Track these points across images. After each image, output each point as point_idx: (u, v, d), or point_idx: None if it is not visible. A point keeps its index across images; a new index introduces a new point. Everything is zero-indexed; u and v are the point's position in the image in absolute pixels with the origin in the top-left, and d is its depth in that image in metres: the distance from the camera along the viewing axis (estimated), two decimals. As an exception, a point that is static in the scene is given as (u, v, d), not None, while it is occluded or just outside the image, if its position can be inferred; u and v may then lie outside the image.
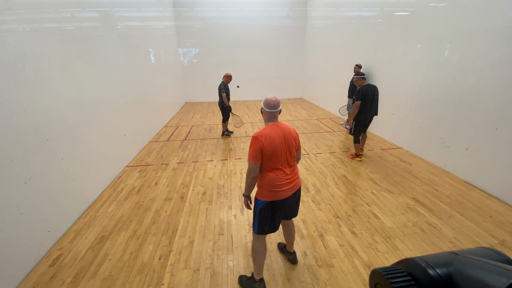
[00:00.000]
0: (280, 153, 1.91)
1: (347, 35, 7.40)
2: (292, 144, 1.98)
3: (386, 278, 0.44)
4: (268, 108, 1.97)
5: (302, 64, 11.44)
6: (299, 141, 2.08)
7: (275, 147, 1.88)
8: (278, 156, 1.91)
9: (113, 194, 3.69)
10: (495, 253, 0.44)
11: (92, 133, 3.60)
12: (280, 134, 1.92)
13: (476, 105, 3.66)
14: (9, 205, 2.23)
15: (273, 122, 2.00)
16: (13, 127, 2.30)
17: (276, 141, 1.89)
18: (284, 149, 1.94)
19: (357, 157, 4.73)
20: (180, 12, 9.93)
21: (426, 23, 4.46)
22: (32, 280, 2.28)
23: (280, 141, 1.91)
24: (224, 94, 5.71)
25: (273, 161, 1.91)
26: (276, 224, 2.06)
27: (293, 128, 2.06)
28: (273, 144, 1.87)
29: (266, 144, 1.86)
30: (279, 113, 2.02)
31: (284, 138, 1.93)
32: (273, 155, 1.89)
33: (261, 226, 2.02)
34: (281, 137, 1.92)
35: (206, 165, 4.65)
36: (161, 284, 2.23)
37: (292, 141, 1.98)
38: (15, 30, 2.44)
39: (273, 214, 2.00)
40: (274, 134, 1.90)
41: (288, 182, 1.98)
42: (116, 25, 4.64)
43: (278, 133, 1.91)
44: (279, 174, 1.94)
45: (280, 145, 1.91)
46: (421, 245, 2.62)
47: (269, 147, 1.86)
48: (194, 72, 10.91)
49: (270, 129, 1.92)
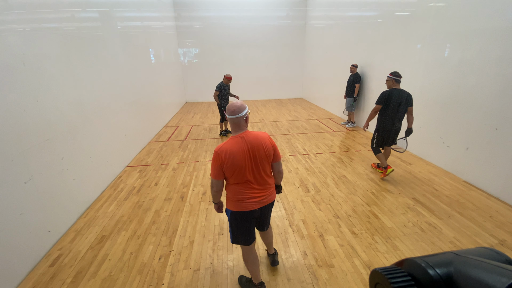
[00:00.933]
0: (244, 169, 1.75)
1: (347, 35, 7.40)
2: (262, 157, 1.79)
3: (386, 278, 0.44)
4: (227, 113, 1.74)
5: (302, 64, 11.44)
6: (275, 150, 1.88)
7: (236, 164, 1.71)
8: (241, 172, 1.75)
9: (113, 194, 3.69)
10: (495, 253, 0.44)
11: (92, 133, 3.60)
12: (244, 148, 1.72)
13: (476, 105, 3.66)
14: (9, 205, 2.23)
15: (239, 132, 1.77)
16: (13, 127, 2.30)
17: (237, 156, 1.70)
18: (249, 165, 1.76)
19: (380, 169, 4.02)
20: (180, 12, 9.93)
21: (426, 23, 4.46)
22: (32, 280, 2.28)
23: (243, 156, 1.72)
24: (216, 92, 5.78)
25: (236, 177, 1.78)
26: (251, 233, 1.97)
27: (267, 136, 1.85)
28: (233, 160, 1.70)
29: (226, 161, 1.70)
30: (246, 120, 1.79)
31: (249, 152, 1.74)
32: (234, 172, 1.74)
33: (235, 235, 1.97)
34: (244, 151, 1.72)
35: (206, 165, 4.65)
36: (161, 284, 2.23)
37: (261, 154, 1.78)
38: (15, 30, 2.44)
39: (243, 224, 1.91)
40: (237, 148, 1.71)
41: (253, 196, 1.84)
42: (116, 25, 4.64)
43: (241, 147, 1.72)
44: (244, 188, 1.81)
45: (243, 161, 1.72)
46: (421, 245, 2.62)
47: (229, 164, 1.70)
48: (194, 72, 10.91)
49: (233, 143, 1.73)
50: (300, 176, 4.12)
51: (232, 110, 1.73)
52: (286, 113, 8.73)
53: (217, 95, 5.80)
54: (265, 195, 1.90)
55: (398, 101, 3.61)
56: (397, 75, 3.67)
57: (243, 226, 1.93)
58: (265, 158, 1.81)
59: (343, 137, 6.09)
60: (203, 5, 10.02)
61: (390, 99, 3.63)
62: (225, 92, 5.88)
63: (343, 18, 7.60)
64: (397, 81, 3.67)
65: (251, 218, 1.92)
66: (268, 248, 2.37)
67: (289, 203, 3.38)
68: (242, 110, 1.75)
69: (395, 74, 3.68)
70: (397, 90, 3.62)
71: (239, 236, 1.96)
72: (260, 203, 1.88)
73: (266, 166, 1.86)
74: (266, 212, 2.04)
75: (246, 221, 1.91)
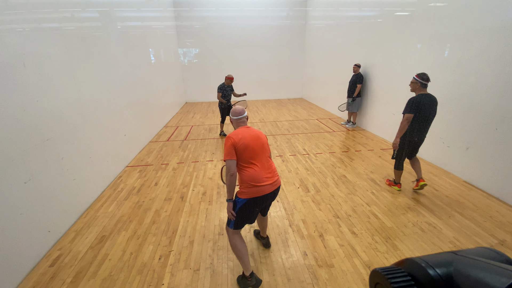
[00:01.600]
0: (253, 146, 2.05)
1: (347, 35, 7.40)
2: (264, 143, 2.14)
3: (386, 278, 0.44)
4: (234, 116, 2.23)
5: (302, 64, 11.44)
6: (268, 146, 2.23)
7: (247, 141, 2.04)
8: (251, 149, 2.04)
9: (113, 194, 3.69)
10: (495, 253, 0.44)
11: (92, 133, 3.60)
12: (251, 133, 2.12)
13: (476, 105, 3.66)
14: (9, 205, 2.23)
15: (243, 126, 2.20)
16: (13, 127, 2.30)
17: (247, 136, 2.06)
18: (257, 144, 2.08)
19: (396, 185, 3.66)
20: (180, 12, 9.93)
21: (426, 23, 4.46)
22: (32, 280, 2.28)
23: (251, 137, 2.07)
24: (219, 94, 5.76)
25: (248, 154, 2.03)
26: (254, 218, 2.18)
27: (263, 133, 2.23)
28: (244, 139, 2.04)
29: (238, 140, 2.02)
30: (246, 119, 2.26)
31: (255, 135, 2.12)
32: (246, 148, 2.02)
33: (241, 222, 2.11)
34: (252, 134, 2.10)
35: (206, 165, 4.65)
36: (161, 284, 2.23)
37: (263, 141, 2.15)
38: (15, 30, 2.44)
39: (253, 210, 2.09)
40: (245, 132, 2.10)
41: (267, 177, 2.07)
42: (116, 25, 4.64)
43: (248, 132, 2.12)
44: (257, 169, 2.05)
45: (252, 140, 2.06)
46: (421, 245, 2.62)
47: (241, 142, 2.02)
48: (194, 72, 10.91)
49: (241, 130, 2.14)
50: (300, 176, 4.12)
51: (238, 112, 2.24)
52: (286, 113, 8.73)
53: (221, 96, 5.78)
54: (275, 178, 2.12)
55: (429, 108, 3.12)
56: (424, 79, 3.12)
57: (254, 211, 2.11)
58: (266, 145, 2.17)
59: (343, 137, 6.09)
60: (203, 5, 10.02)
61: (422, 107, 3.09)
62: (227, 93, 5.85)
63: (343, 18, 7.60)
64: (423, 85, 3.13)
65: (263, 202, 2.10)
66: (262, 232, 2.62)
67: (289, 203, 3.38)
68: (244, 112, 2.26)
69: (423, 77, 3.12)
70: (427, 96, 3.11)
71: (245, 221, 2.13)
72: (272, 186, 2.08)
73: (267, 149, 2.18)
74: (274, 196, 2.18)
75: (258, 206, 2.09)
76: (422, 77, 3.13)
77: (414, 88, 3.21)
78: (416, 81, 3.17)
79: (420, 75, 3.16)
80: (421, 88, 3.16)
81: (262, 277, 2.28)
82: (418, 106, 3.11)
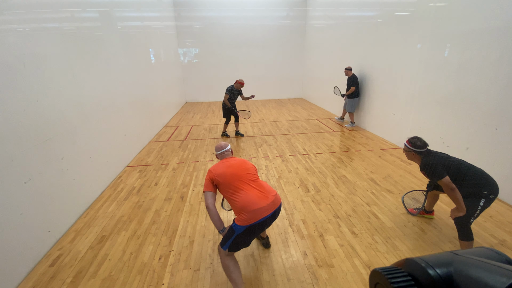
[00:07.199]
0: (236, 173, 2.07)
1: (347, 35, 7.40)
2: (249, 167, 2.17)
3: (386, 278, 0.44)
4: (217, 151, 2.34)
5: (302, 64, 11.43)
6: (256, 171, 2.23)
7: (229, 171, 2.08)
8: (234, 176, 2.05)
9: (113, 194, 3.69)
10: (495, 253, 0.45)
11: (92, 133, 3.60)
12: (233, 162, 2.18)
13: (476, 105, 3.66)
14: (9, 205, 2.23)
15: None
16: (13, 127, 2.30)
17: (228, 166, 2.13)
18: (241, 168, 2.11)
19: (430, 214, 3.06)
20: (180, 12, 9.92)
21: (426, 23, 4.46)
22: (32, 280, 2.28)
23: (233, 166, 2.13)
24: (226, 95, 5.76)
25: (232, 181, 2.03)
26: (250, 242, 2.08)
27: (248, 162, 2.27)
28: (225, 169, 2.09)
29: (216, 175, 2.07)
30: (231, 152, 2.37)
31: (237, 163, 2.17)
32: (227, 177, 2.05)
33: (237, 246, 1.97)
34: (232, 163, 2.16)
35: (206, 165, 4.65)
36: (161, 284, 2.23)
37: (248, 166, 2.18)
38: (15, 30, 2.44)
39: (251, 237, 2.00)
40: (226, 162, 2.19)
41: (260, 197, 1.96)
42: (116, 25, 4.64)
43: (230, 161, 2.19)
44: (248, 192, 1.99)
45: (235, 168, 2.10)
46: (421, 245, 2.62)
47: (219, 175, 2.06)
48: (194, 72, 10.90)
49: (222, 161, 2.23)
50: (300, 176, 4.12)
51: (221, 147, 2.36)
52: (286, 113, 8.73)
53: (227, 98, 5.77)
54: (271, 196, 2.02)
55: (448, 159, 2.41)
56: (419, 146, 2.42)
57: (252, 236, 2.00)
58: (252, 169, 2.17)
59: (343, 137, 6.09)
60: (203, 5, 10.02)
61: (449, 167, 2.34)
62: (234, 97, 5.84)
63: (343, 18, 7.60)
64: (419, 153, 2.44)
65: (262, 228, 1.99)
66: (262, 232, 2.59)
67: (289, 203, 3.38)
68: (227, 146, 2.38)
69: (416, 144, 2.43)
70: (434, 156, 2.40)
71: (241, 246, 2.01)
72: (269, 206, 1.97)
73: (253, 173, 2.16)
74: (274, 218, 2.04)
75: (257, 232, 1.99)
76: (415, 144, 2.43)
77: (411, 158, 2.51)
78: (409, 150, 2.47)
79: (412, 142, 2.45)
80: (417, 155, 2.45)
81: (262, 277, 2.28)
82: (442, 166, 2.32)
